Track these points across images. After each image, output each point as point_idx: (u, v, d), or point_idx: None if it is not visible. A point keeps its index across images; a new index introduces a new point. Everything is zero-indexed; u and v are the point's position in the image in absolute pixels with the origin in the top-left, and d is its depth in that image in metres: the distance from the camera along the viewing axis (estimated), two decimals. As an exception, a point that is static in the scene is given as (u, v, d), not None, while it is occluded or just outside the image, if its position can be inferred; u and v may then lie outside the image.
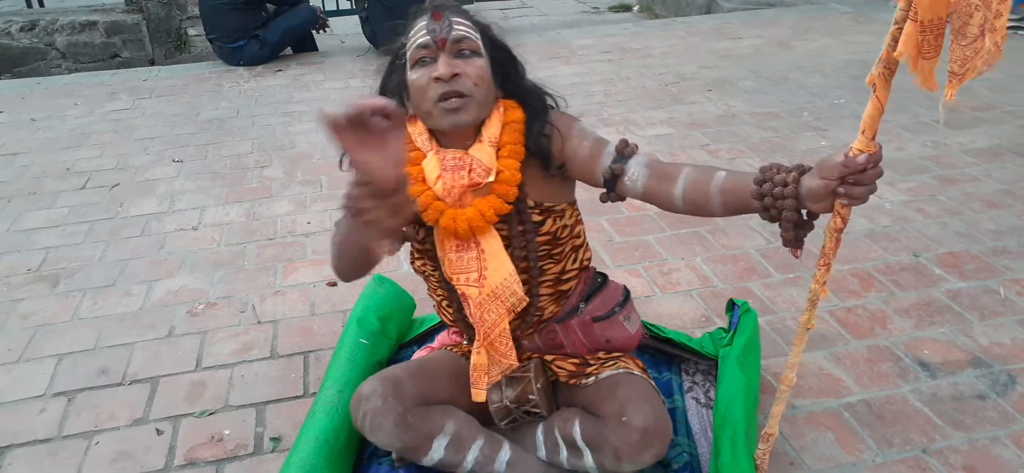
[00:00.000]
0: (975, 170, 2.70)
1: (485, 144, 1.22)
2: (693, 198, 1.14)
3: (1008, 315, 1.87)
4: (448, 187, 1.22)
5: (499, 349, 1.30)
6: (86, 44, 5.08)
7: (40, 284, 2.21)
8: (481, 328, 1.28)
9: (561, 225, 1.29)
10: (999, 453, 1.45)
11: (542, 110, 1.27)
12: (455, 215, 1.22)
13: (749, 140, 3.11)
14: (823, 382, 1.66)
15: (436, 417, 1.30)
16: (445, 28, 1.18)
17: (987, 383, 1.64)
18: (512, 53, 1.28)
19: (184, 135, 3.48)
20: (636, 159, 1.21)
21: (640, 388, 1.27)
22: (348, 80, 4.27)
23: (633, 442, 1.19)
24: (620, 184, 1.21)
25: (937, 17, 0.84)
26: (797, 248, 1.05)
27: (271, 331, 1.93)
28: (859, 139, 0.95)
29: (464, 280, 1.26)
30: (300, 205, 2.68)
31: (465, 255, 1.25)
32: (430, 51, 1.19)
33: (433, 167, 1.23)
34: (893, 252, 2.18)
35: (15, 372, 1.81)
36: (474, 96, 1.19)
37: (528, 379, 1.33)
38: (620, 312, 1.39)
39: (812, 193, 0.99)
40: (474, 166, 1.21)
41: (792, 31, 4.86)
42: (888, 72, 0.92)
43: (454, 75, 1.16)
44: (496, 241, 1.24)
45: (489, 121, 1.24)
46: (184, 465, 1.50)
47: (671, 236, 2.32)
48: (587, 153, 1.24)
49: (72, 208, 2.73)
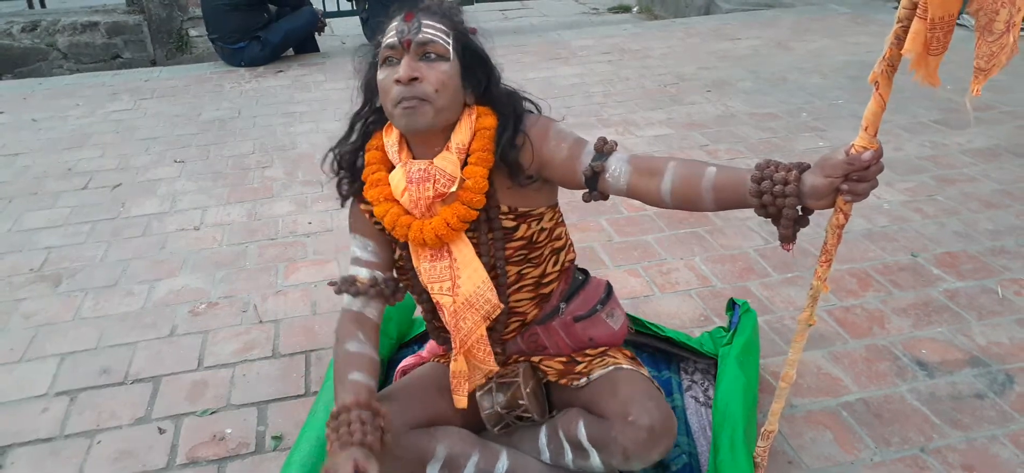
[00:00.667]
0: (973, 170, 2.71)
1: (451, 152, 1.21)
2: (682, 192, 1.14)
3: (1006, 314, 1.88)
4: (414, 200, 1.21)
5: (478, 356, 1.29)
6: (87, 45, 5.09)
7: (42, 284, 2.22)
8: (457, 336, 1.27)
9: (538, 228, 1.28)
10: (997, 452, 1.46)
11: (515, 118, 1.25)
12: (422, 226, 1.21)
13: (748, 141, 3.11)
14: (821, 381, 1.66)
15: (426, 442, 1.29)
16: (413, 30, 1.18)
17: (985, 382, 1.65)
18: (485, 58, 1.26)
19: (185, 135, 3.49)
20: (616, 155, 1.20)
21: (640, 385, 1.28)
22: (349, 81, 4.21)
23: (641, 441, 1.20)
24: (601, 181, 1.20)
25: (948, 14, 0.85)
26: (791, 243, 1.05)
27: (273, 330, 1.94)
28: (862, 136, 0.96)
29: (438, 289, 1.25)
30: (301, 205, 2.69)
31: (438, 264, 1.25)
32: (396, 52, 1.19)
33: (399, 180, 1.22)
34: (891, 252, 2.19)
35: (17, 372, 1.82)
36: (432, 101, 1.17)
37: (517, 383, 1.32)
38: (602, 309, 1.38)
39: (815, 190, 0.99)
40: (438, 177, 1.20)
41: (791, 32, 4.87)
42: (891, 69, 0.94)
43: (413, 78, 1.15)
44: (468, 249, 1.23)
45: (458, 127, 1.23)
46: (186, 464, 1.51)
47: (670, 236, 2.33)
48: (566, 154, 1.22)
49: (74, 208, 2.74)
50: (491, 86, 1.26)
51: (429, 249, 1.24)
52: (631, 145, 3.11)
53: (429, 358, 1.49)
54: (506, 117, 1.24)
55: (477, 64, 1.25)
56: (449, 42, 1.20)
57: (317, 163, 3.06)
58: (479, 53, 1.25)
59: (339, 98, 3.95)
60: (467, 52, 1.23)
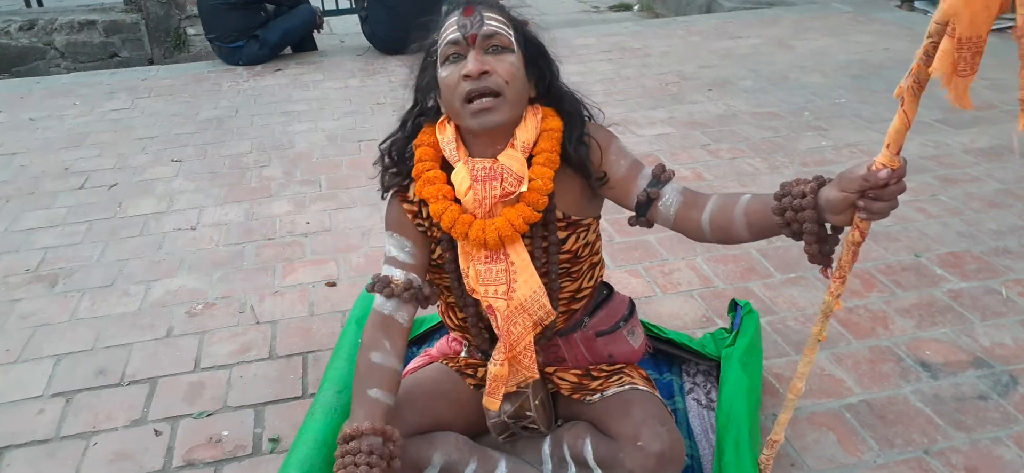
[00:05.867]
0: (976, 170, 2.69)
1: (517, 150, 1.16)
2: (719, 223, 1.13)
3: (1010, 315, 1.87)
4: (479, 199, 1.16)
5: (523, 363, 1.25)
6: (85, 43, 5.07)
7: (38, 284, 2.21)
8: (507, 341, 1.22)
9: (583, 242, 1.26)
10: (1001, 454, 1.44)
11: (579, 118, 1.22)
12: (484, 226, 1.17)
13: (749, 140, 3.10)
14: (824, 383, 1.65)
15: (423, 450, 1.27)
16: (476, 23, 1.13)
17: (989, 383, 1.63)
18: (547, 51, 1.23)
19: (183, 135, 3.47)
20: (672, 185, 1.19)
21: (653, 409, 1.25)
22: (347, 80, 4.26)
23: (650, 467, 1.18)
24: (653, 209, 1.19)
25: (976, 35, 0.81)
26: (825, 265, 1.02)
27: (270, 331, 1.93)
28: (884, 153, 0.92)
29: (492, 292, 1.20)
30: (299, 205, 2.67)
31: (494, 267, 1.20)
32: (460, 47, 1.14)
33: (463, 178, 1.17)
34: (894, 252, 2.18)
35: (13, 372, 1.80)
36: (505, 94, 1.13)
37: (527, 395, 1.31)
38: (624, 327, 1.37)
39: (831, 204, 0.97)
40: (505, 176, 1.15)
41: (792, 30, 4.85)
42: (918, 86, 0.88)
43: (483, 72, 1.11)
44: (524, 253, 1.19)
45: (523, 124, 1.18)
46: (182, 466, 1.50)
47: (671, 236, 2.31)
48: (624, 172, 1.21)
49: (70, 208, 2.72)
50: (553, 80, 1.23)
51: (485, 251, 1.19)
52: (632, 144, 3.09)
53: (438, 358, 1.48)
54: (572, 116, 1.21)
55: (539, 55, 1.21)
56: (511, 33, 1.16)
57: (315, 162, 3.06)
58: (539, 44, 1.22)
59: (337, 97, 3.94)
60: (529, 43, 1.20)
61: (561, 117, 1.21)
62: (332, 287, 2.11)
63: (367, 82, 4.20)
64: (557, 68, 1.24)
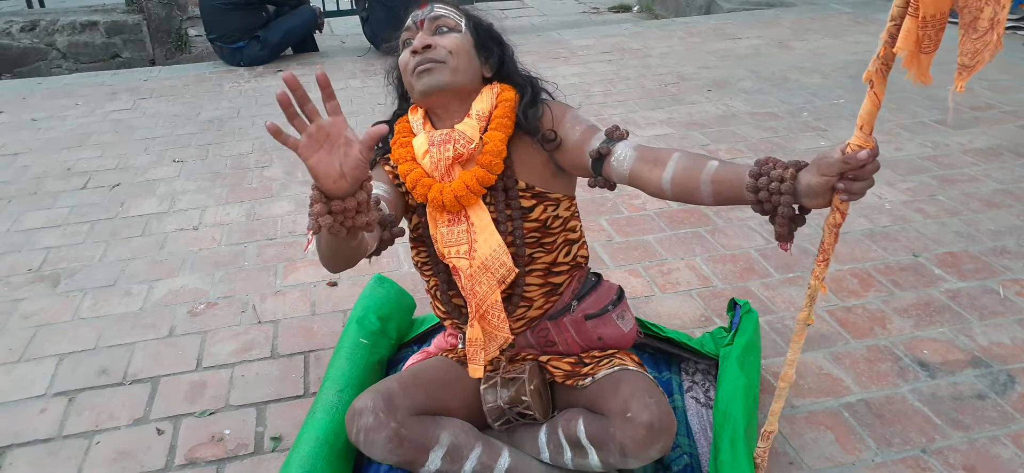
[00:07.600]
0: (974, 170, 2.70)
1: (472, 118, 1.28)
2: (682, 183, 1.14)
3: (1007, 315, 1.87)
4: (435, 161, 1.27)
5: (492, 322, 1.31)
6: (87, 44, 5.08)
7: (41, 284, 2.22)
8: (473, 300, 1.29)
9: (553, 214, 1.32)
10: (998, 453, 1.45)
11: (533, 89, 1.34)
12: (441, 188, 1.27)
13: (749, 140, 3.11)
14: (822, 382, 1.66)
15: (431, 429, 1.30)
16: (426, 12, 1.29)
17: (987, 383, 1.64)
18: (498, 35, 1.35)
19: (185, 135, 3.48)
20: (625, 142, 1.23)
21: (642, 383, 1.28)
22: (348, 80, 4.27)
23: (639, 437, 1.20)
24: (607, 165, 1.23)
25: (939, 12, 0.85)
26: (788, 242, 1.05)
27: (271, 331, 1.94)
28: (857, 134, 0.95)
29: (455, 253, 1.29)
30: (300, 205, 2.68)
31: (455, 228, 1.29)
32: (411, 33, 1.31)
33: (421, 143, 1.29)
34: (892, 252, 2.19)
35: (16, 372, 1.81)
36: (447, 62, 1.25)
37: (522, 380, 1.33)
38: (613, 310, 1.39)
39: (810, 189, 0.99)
40: (458, 139, 1.26)
41: (791, 31, 4.86)
42: (885, 68, 0.93)
43: (426, 46, 1.25)
44: (484, 214, 1.28)
45: (479, 97, 1.30)
46: (185, 465, 1.51)
47: (671, 236, 2.32)
48: (578, 136, 1.28)
49: (73, 208, 2.73)
50: (507, 62, 1.36)
51: (447, 213, 1.28)
52: (631, 145, 3.10)
53: (436, 353, 1.49)
54: (524, 88, 1.33)
55: (490, 39, 1.34)
56: (459, 18, 1.31)
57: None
58: (491, 30, 1.35)
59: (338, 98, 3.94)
60: (479, 28, 1.33)
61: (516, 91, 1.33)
62: (333, 287, 2.12)
63: (368, 83, 4.21)
64: (512, 51, 1.37)
